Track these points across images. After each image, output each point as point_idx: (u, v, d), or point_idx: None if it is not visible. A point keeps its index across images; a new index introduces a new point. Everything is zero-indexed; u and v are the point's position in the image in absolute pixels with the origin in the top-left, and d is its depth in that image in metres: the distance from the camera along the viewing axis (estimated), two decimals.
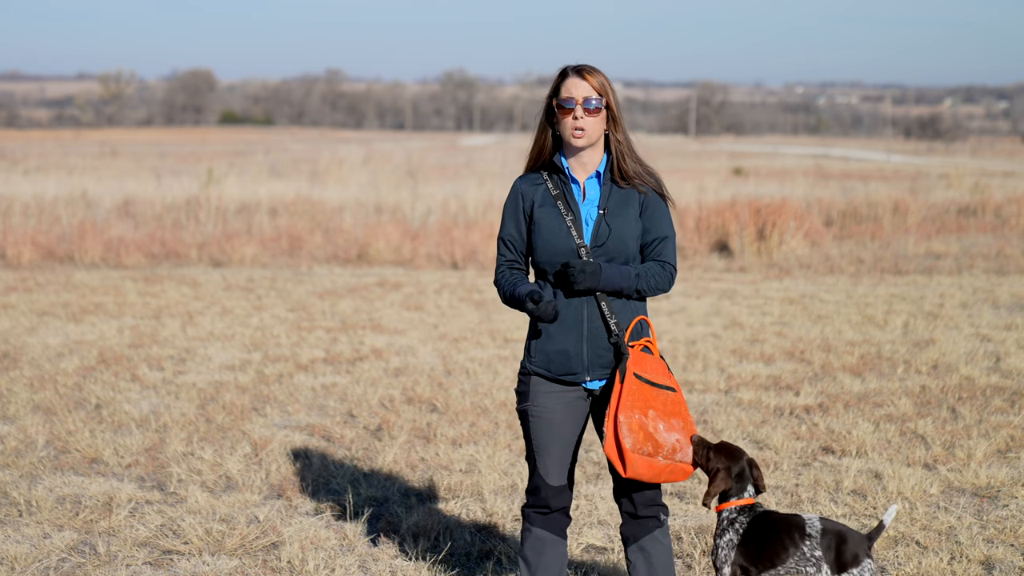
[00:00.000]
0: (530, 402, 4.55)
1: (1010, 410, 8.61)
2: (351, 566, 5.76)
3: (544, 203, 4.50)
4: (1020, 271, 16.68)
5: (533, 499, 4.61)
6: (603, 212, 4.46)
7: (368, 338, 11.57)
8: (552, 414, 4.53)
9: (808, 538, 4.21)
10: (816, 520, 4.25)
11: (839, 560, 4.17)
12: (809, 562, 4.20)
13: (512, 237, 4.58)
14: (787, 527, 4.25)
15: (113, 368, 10.06)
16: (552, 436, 4.54)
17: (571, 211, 4.47)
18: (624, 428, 4.27)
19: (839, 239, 20.69)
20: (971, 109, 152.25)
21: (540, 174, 4.56)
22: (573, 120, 4.43)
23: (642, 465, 4.30)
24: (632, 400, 4.30)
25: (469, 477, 7.10)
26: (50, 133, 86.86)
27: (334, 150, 47.18)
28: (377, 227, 19.63)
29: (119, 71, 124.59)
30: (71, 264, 17.54)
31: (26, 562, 5.75)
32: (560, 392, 4.53)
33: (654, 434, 4.30)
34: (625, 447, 4.27)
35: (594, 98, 4.43)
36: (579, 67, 4.48)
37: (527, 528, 4.63)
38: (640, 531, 4.58)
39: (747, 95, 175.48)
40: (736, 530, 4.30)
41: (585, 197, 4.51)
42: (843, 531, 4.24)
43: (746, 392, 9.17)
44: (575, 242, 4.43)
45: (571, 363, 4.47)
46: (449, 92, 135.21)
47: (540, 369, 4.52)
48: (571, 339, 4.46)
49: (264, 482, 7.02)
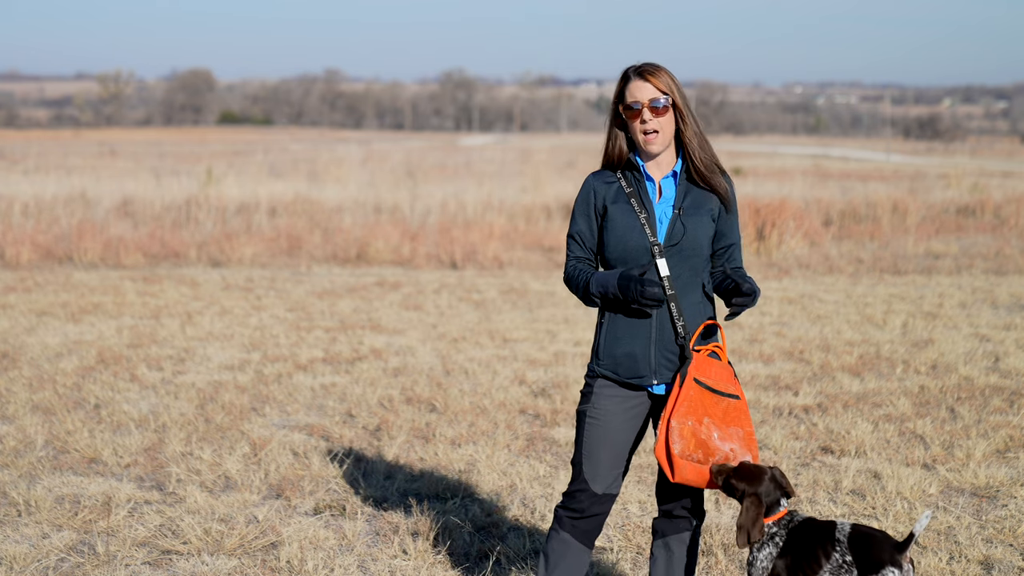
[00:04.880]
0: (591, 404, 4.46)
1: (1009, 410, 8.61)
2: (350, 566, 5.76)
3: (617, 200, 4.42)
4: (1019, 271, 16.68)
5: (569, 501, 4.52)
6: (679, 211, 4.38)
7: (367, 338, 11.57)
8: (610, 419, 4.44)
9: (838, 544, 4.11)
10: (847, 525, 4.14)
11: (862, 564, 4.07)
12: (843, 569, 4.09)
13: (583, 233, 4.49)
14: (820, 535, 4.15)
15: (112, 368, 10.06)
16: (604, 442, 4.45)
17: (645, 209, 4.38)
18: (675, 434, 4.21)
19: (838, 239, 20.70)
20: (970, 109, 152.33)
21: (614, 172, 4.48)
22: (642, 124, 4.34)
23: (691, 471, 4.24)
24: (688, 406, 4.24)
25: (468, 477, 7.10)
26: (49, 133, 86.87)
27: (333, 150, 47.17)
28: (376, 227, 19.63)
29: (118, 71, 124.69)
30: (70, 264, 17.54)
31: (25, 562, 5.74)
32: (624, 397, 4.44)
33: (707, 441, 4.24)
34: (674, 452, 4.21)
35: (661, 98, 4.33)
36: (640, 68, 4.38)
37: (555, 529, 4.55)
38: (670, 529, 4.56)
39: (746, 95, 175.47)
40: (776, 543, 4.21)
41: (661, 196, 4.43)
42: (872, 535, 4.11)
43: (745, 392, 9.15)
44: (648, 240, 4.35)
45: (638, 366, 4.39)
46: (448, 92, 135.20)
47: (608, 372, 4.43)
48: (639, 342, 4.38)
49: (263, 482, 7.02)
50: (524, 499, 6.74)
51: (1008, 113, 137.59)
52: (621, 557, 5.89)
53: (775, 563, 4.19)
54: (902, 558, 4.03)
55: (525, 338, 11.59)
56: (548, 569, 4.55)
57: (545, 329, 12.09)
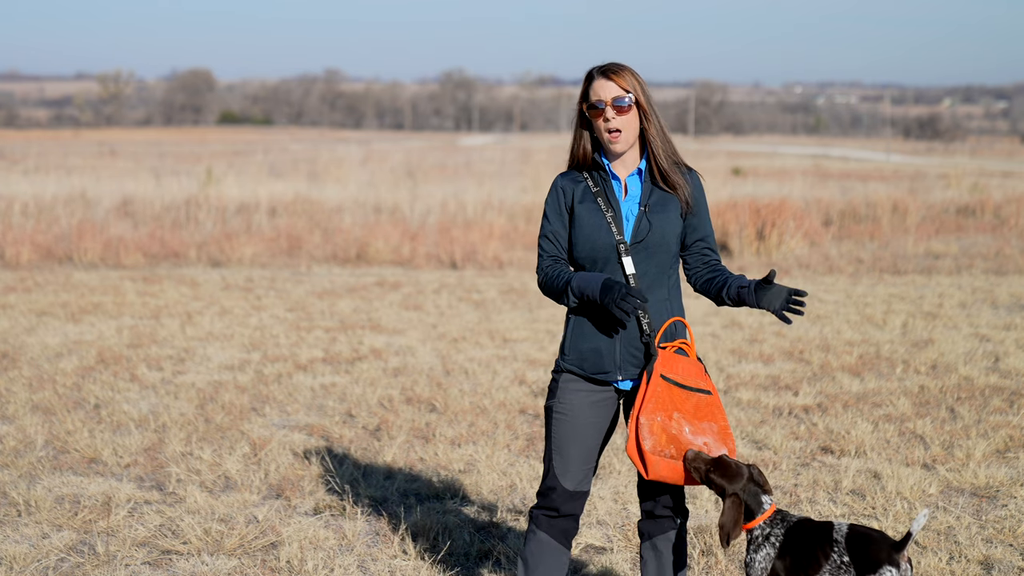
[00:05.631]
0: (557, 399, 4.49)
1: (1009, 410, 8.61)
2: (350, 566, 5.76)
3: (584, 199, 4.45)
4: (1019, 271, 16.68)
5: (543, 500, 4.55)
6: (645, 208, 4.41)
7: (367, 338, 11.57)
8: (577, 414, 4.46)
9: (836, 544, 4.13)
10: (844, 526, 4.15)
11: (860, 564, 4.09)
12: (841, 569, 4.10)
13: (557, 232, 4.51)
14: (819, 536, 4.15)
15: (112, 368, 10.06)
16: (573, 437, 4.47)
17: (611, 207, 4.42)
18: (645, 430, 4.23)
19: (838, 239, 20.70)
20: (970, 109, 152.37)
21: (581, 172, 4.51)
22: (605, 122, 4.37)
23: (664, 467, 4.25)
24: (656, 402, 4.26)
25: (468, 477, 7.10)
26: (49, 133, 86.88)
27: (333, 150, 47.19)
28: (376, 227, 19.63)
29: (118, 71, 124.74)
30: (70, 264, 17.54)
31: (25, 562, 5.74)
32: (589, 391, 4.47)
33: (678, 436, 4.25)
34: (645, 449, 4.22)
35: (625, 97, 4.36)
36: (604, 67, 4.41)
37: (532, 530, 4.57)
38: (655, 529, 4.56)
39: (746, 95, 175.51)
40: (773, 543, 4.20)
41: (627, 194, 4.47)
42: (870, 535, 4.11)
43: (745, 392, 9.17)
44: (615, 238, 4.38)
45: (604, 362, 4.42)
46: (448, 92, 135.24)
47: (573, 367, 4.46)
48: (605, 338, 4.41)
49: (263, 482, 7.02)
50: (524, 499, 6.74)
51: (1008, 113, 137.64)
52: (621, 557, 5.89)
53: (774, 563, 4.20)
54: (900, 557, 4.04)
55: (525, 338, 11.59)
56: (528, 572, 4.57)
57: (545, 329, 12.09)
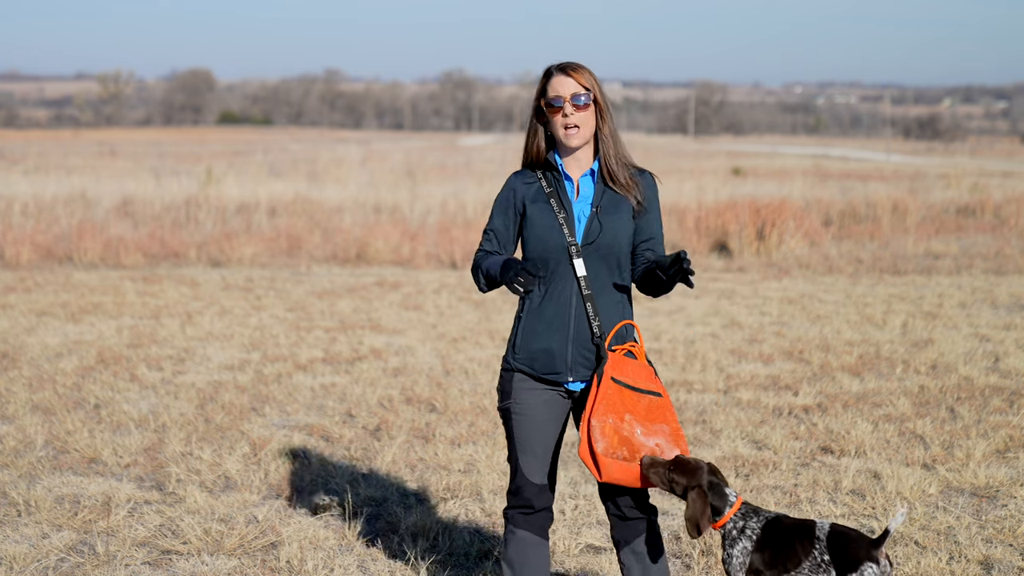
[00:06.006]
0: (513, 400, 4.53)
1: (1009, 410, 8.61)
2: (350, 566, 5.76)
3: (537, 200, 4.49)
4: (1019, 271, 16.68)
5: (515, 500, 4.59)
6: (596, 209, 4.45)
7: (367, 338, 11.57)
8: (535, 412, 4.50)
9: (817, 542, 4.17)
10: (826, 524, 4.20)
11: (840, 563, 4.14)
12: (820, 567, 4.14)
13: (497, 230, 4.56)
14: (799, 532, 4.20)
15: (112, 368, 10.06)
16: (535, 434, 4.52)
17: (564, 208, 4.45)
18: (596, 432, 4.24)
19: (838, 239, 20.70)
20: (970, 109, 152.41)
21: (535, 172, 4.55)
22: (564, 118, 4.41)
23: (617, 469, 4.27)
24: (607, 404, 4.27)
25: (468, 477, 7.10)
26: (49, 133, 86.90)
27: (333, 150, 47.20)
28: (376, 227, 19.63)
29: (118, 71, 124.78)
30: (70, 264, 17.54)
31: (25, 562, 5.74)
32: (541, 390, 4.50)
33: (630, 438, 4.26)
34: (597, 451, 4.24)
35: (582, 94, 4.41)
36: (563, 65, 4.46)
37: (510, 531, 4.60)
38: (630, 534, 4.56)
39: (746, 95, 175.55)
40: (749, 536, 4.23)
41: (579, 194, 4.50)
42: (848, 534, 4.18)
43: (745, 392, 9.17)
44: (566, 239, 4.42)
45: (555, 362, 4.45)
46: (448, 92, 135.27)
47: (523, 367, 4.50)
48: (557, 338, 4.43)
49: (263, 482, 7.02)
50: None
51: (1008, 113, 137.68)
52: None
53: (752, 557, 4.23)
54: (879, 554, 4.11)
55: None
56: (516, 574, 4.59)
57: None
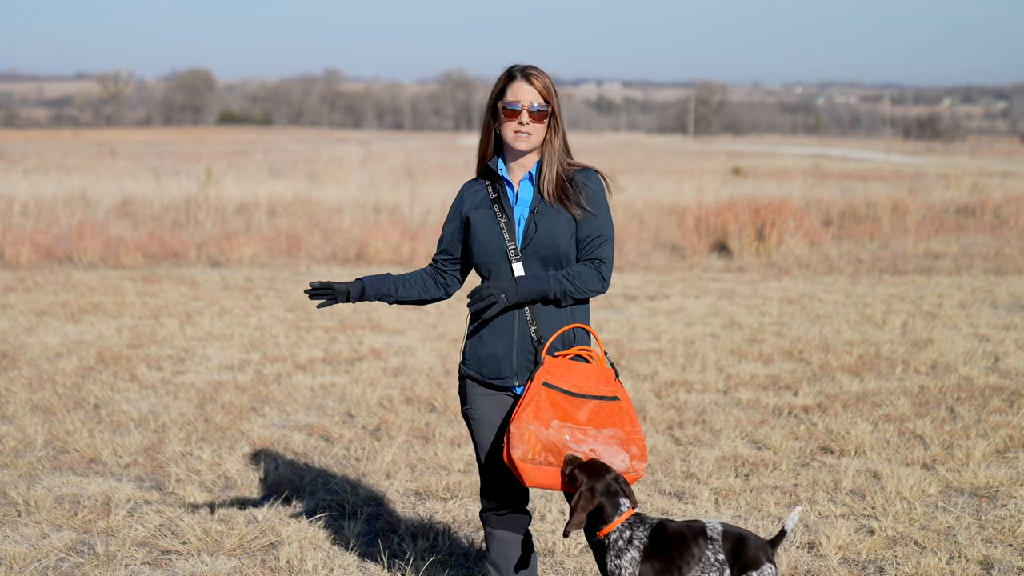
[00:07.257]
0: (470, 405, 4.57)
1: (1008, 410, 8.61)
2: (349, 566, 5.76)
3: (481, 206, 4.52)
4: (1019, 271, 16.69)
5: (488, 502, 4.61)
6: (533, 212, 4.45)
7: (367, 338, 11.57)
8: (493, 415, 4.53)
9: (711, 542, 4.16)
10: (717, 524, 4.21)
11: (738, 563, 4.13)
12: (713, 567, 4.13)
13: (444, 236, 4.64)
14: (689, 533, 4.18)
15: (112, 368, 10.06)
16: (494, 438, 4.54)
17: (505, 214, 4.47)
18: (514, 439, 4.24)
19: (838, 239, 20.70)
20: (970, 109, 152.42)
21: (485, 180, 4.57)
22: (519, 124, 4.41)
23: (540, 475, 4.26)
24: (533, 410, 4.27)
25: (468, 477, 7.11)
26: (49, 133, 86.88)
27: (333, 150, 47.20)
28: (376, 227, 19.63)
29: (118, 71, 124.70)
30: (70, 264, 17.54)
31: (24, 562, 5.74)
32: (493, 395, 4.53)
33: (555, 443, 4.25)
34: (514, 457, 4.24)
35: (541, 105, 4.41)
36: (526, 70, 4.44)
37: (489, 532, 4.62)
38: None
39: (746, 95, 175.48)
40: (636, 546, 4.19)
41: (519, 198, 4.51)
42: (743, 535, 4.19)
43: (745, 392, 9.17)
44: (506, 244, 4.43)
45: (500, 367, 4.47)
46: (448, 92, 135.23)
47: (473, 372, 4.54)
48: (502, 344, 4.45)
49: (263, 482, 7.02)
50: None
51: (1008, 113, 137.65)
52: None
53: (641, 568, 4.18)
54: (773, 553, 4.18)
55: None
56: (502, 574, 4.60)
57: None
